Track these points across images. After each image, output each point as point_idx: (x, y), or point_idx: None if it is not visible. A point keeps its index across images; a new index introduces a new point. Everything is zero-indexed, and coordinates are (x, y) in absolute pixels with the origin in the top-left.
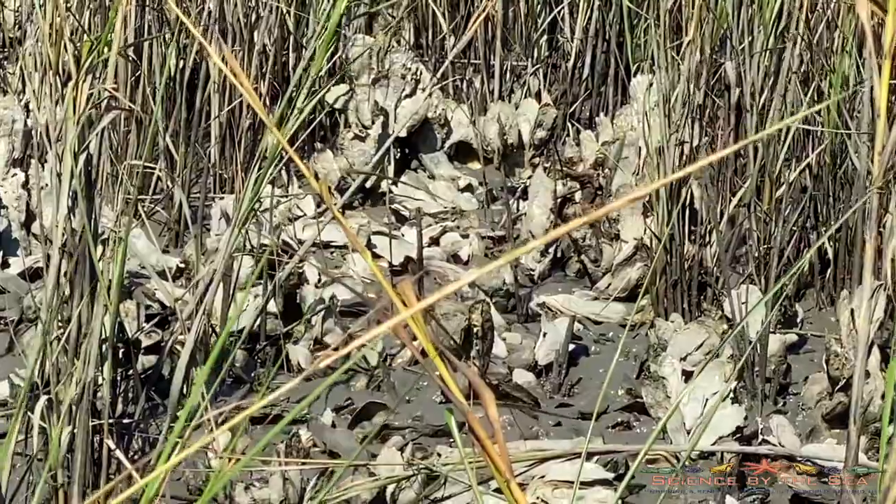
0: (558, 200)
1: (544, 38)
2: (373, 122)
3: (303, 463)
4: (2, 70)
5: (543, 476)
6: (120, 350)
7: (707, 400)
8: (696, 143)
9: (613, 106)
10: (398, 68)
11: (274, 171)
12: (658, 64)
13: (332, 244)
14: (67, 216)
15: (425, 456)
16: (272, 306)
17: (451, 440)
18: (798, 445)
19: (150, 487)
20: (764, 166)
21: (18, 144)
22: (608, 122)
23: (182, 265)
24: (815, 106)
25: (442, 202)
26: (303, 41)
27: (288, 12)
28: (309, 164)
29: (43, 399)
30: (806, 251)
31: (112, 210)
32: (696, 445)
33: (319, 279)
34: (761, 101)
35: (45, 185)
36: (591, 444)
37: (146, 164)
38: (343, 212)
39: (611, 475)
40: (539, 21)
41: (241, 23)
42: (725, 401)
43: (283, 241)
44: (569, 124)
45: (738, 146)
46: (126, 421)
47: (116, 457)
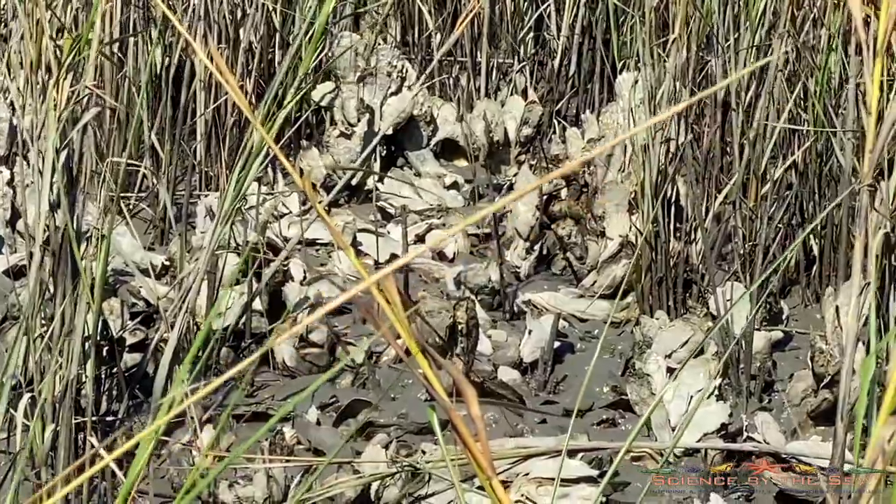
0: (544, 198)
1: (531, 35)
2: (359, 120)
3: (287, 460)
4: None
5: (528, 473)
6: (104, 348)
7: (692, 397)
8: (681, 140)
9: (599, 103)
10: (384, 66)
11: (259, 169)
12: (644, 61)
13: (318, 241)
14: (49, 213)
15: (409, 453)
16: (257, 304)
17: (436, 438)
18: (783, 442)
19: (133, 464)
20: (749, 163)
21: (4, 142)
22: (594, 119)
23: (167, 263)
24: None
25: (428, 199)
26: (289, 38)
27: (274, 9)
28: (294, 161)
29: (26, 397)
30: (791, 247)
31: (96, 207)
32: (680, 442)
33: (305, 277)
34: (747, 98)
35: (30, 182)
36: (575, 442)
37: (131, 162)
38: (329, 209)
39: (595, 472)
40: (525, 18)
41: (227, 20)
42: (710, 398)
43: (268, 239)
44: (555, 121)
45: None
46: (110, 418)
47: (100, 454)
